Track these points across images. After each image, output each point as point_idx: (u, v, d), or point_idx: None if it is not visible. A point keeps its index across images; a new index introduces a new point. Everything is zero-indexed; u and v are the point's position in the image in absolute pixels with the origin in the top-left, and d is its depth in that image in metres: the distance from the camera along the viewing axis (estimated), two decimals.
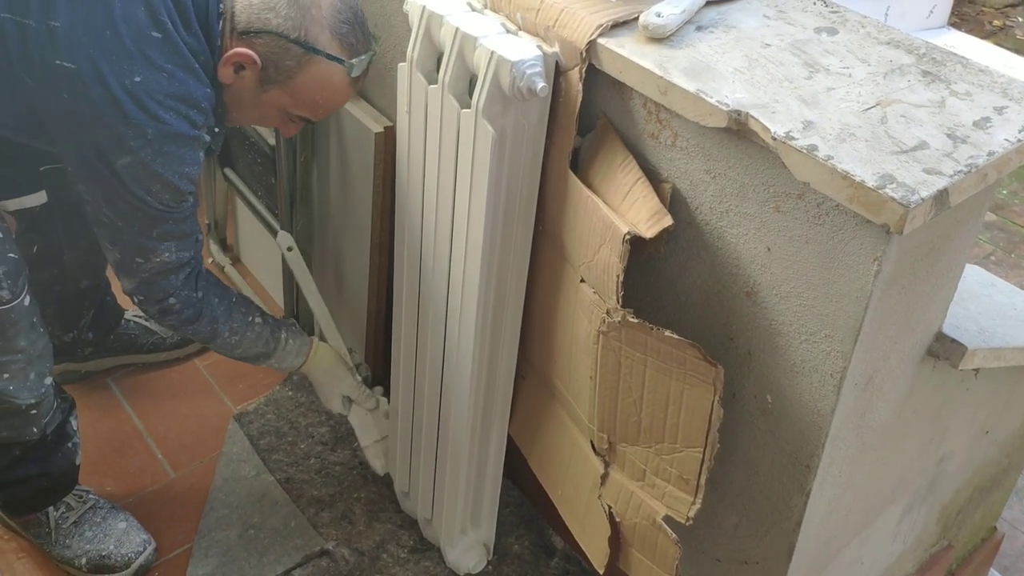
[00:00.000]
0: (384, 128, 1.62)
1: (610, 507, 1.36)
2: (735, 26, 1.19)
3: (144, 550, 1.68)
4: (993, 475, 1.81)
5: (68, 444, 1.62)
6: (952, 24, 3.29)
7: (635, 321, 1.16)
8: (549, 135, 1.27)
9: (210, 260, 2.30)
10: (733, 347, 1.20)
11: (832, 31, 1.19)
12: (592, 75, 1.19)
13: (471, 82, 1.24)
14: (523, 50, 1.17)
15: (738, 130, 1.05)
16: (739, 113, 1.04)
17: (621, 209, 1.18)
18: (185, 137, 1.28)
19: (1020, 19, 4.94)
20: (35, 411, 1.49)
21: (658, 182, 1.19)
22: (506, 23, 1.25)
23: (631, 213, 1.17)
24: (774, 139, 1.01)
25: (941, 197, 0.95)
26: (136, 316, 2.04)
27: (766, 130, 1.02)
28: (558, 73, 1.21)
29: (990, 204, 1.18)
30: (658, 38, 1.15)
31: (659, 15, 1.14)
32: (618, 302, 1.17)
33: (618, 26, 1.17)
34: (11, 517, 1.71)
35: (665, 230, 1.14)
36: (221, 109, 1.37)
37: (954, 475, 1.64)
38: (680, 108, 1.10)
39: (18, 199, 1.58)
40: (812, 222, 1.04)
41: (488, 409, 1.52)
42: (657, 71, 1.10)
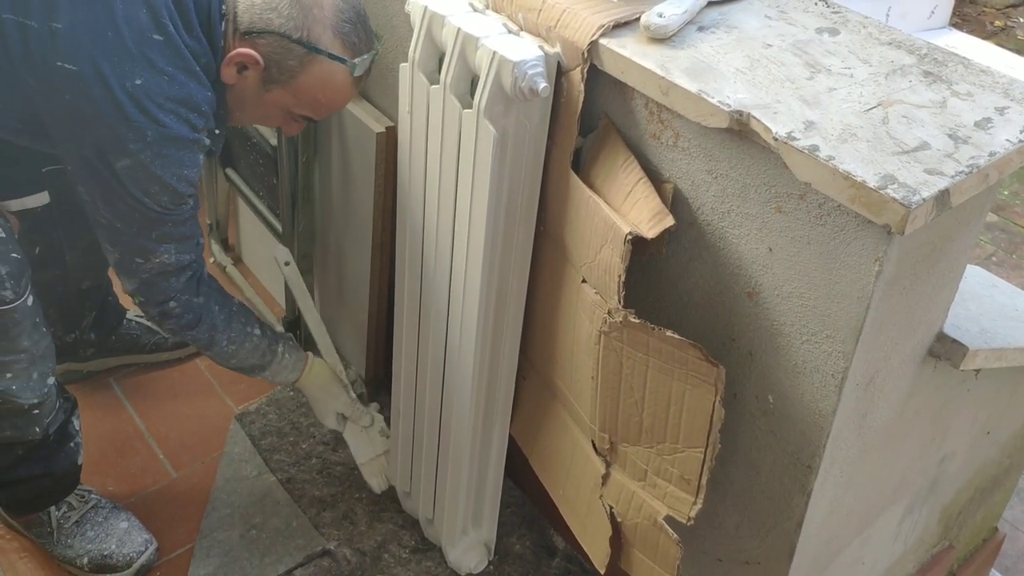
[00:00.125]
0: (386, 128, 1.62)
1: (611, 507, 1.36)
2: (737, 26, 1.19)
3: (146, 550, 1.68)
4: (994, 476, 1.81)
5: (70, 444, 1.62)
6: (953, 24, 3.29)
7: (637, 321, 1.16)
8: (551, 135, 1.27)
9: (212, 260, 2.30)
10: (735, 347, 1.20)
11: (834, 31, 1.19)
12: (594, 75, 1.19)
13: (473, 82, 1.24)
14: (525, 50, 1.17)
15: (740, 130, 1.05)
16: (741, 113, 1.04)
17: (623, 209, 1.18)
18: (185, 140, 1.28)
19: (1021, 19, 4.94)
20: (38, 411, 1.49)
21: (660, 182, 1.19)
22: (508, 23, 1.25)
23: (633, 213, 1.17)
24: (776, 139, 1.01)
25: (942, 198, 0.95)
26: (138, 316, 2.04)
27: (768, 130, 1.02)
28: (560, 73, 1.22)
29: (991, 205, 1.18)
30: (660, 38, 1.15)
31: (661, 15, 1.14)
32: (620, 302, 1.17)
33: (620, 26, 1.17)
34: (13, 516, 1.71)
35: (667, 230, 1.14)
36: (224, 109, 1.38)
37: (955, 475, 1.64)
38: (682, 108, 1.10)
39: (20, 200, 1.59)
40: (814, 222, 1.04)
41: (489, 409, 1.52)
42: (659, 71, 1.10)
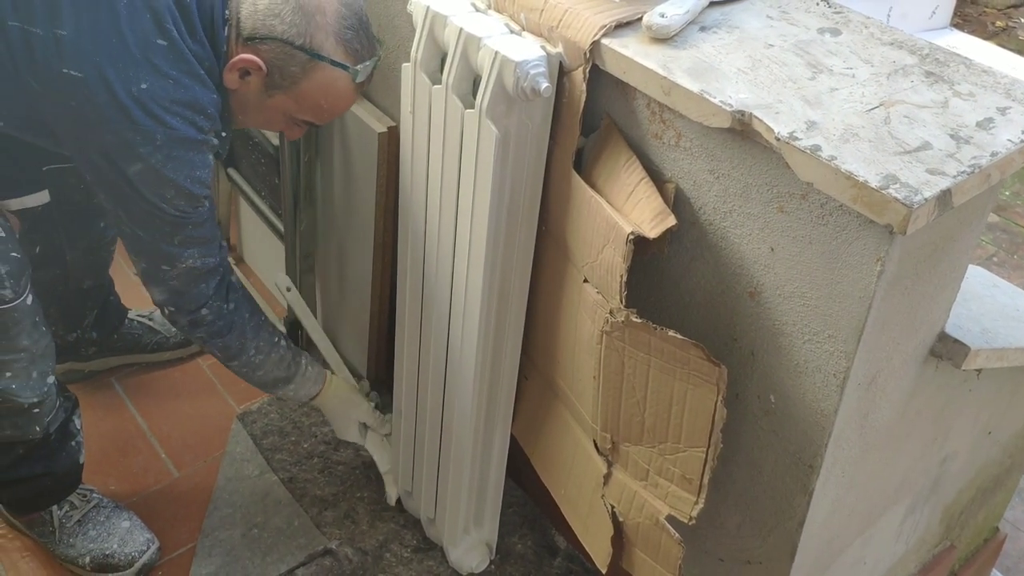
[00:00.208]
0: (387, 128, 1.62)
1: (613, 507, 1.36)
2: (738, 27, 1.19)
3: (147, 549, 1.68)
4: (996, 476, 1.81)
5: (71, 443, 1.62)
6: (954, 25, 3.29)
7: (639, 321, 1.16)
8: (553, 135, 1.27)
9: None
10: (736, 347, 1.20)
11: (835, 32, 1.19)
12: (596, 75, 1.19)
13: (475, 82, 1.24)
14: (527, 50, 1.17)
15: (742, 130, 1.05)
16: (743, 113, 1.04)
17: (625, 209, 1.18)
18: (193, 141, 1.28)
19: (1022, 20, 4.94)
20: (37, 410, 1.50)
21: (662, 182, 1.19)
22: (510, 23, 1.25)
23: (635, 213, 1.17)
24: (777, 139, 1.01)
25: (944, 198, 0.95)
26: (140, 316, 2.04)
27: (769, 130, 1.02)
28: (562, 73, 1.22)
29: (993, 205, 1.18)
30: (662, 38, 1.15)
31: (663, 15, 1.14)
32: (622, 302, 1.17)
33: (622, 26, 1.17)
34: (15, 516, 1.71)
35: (669, 230, 1.14)
36: (227, 113, 1.38)
37: (957, 476, 1.64)
38: (684, 108, 1.10)
39: (20, 199, 1.59)
40: (815, 222, 1.04)
41: (491, 409, 1.52)
42: (661, 71, 1.10)
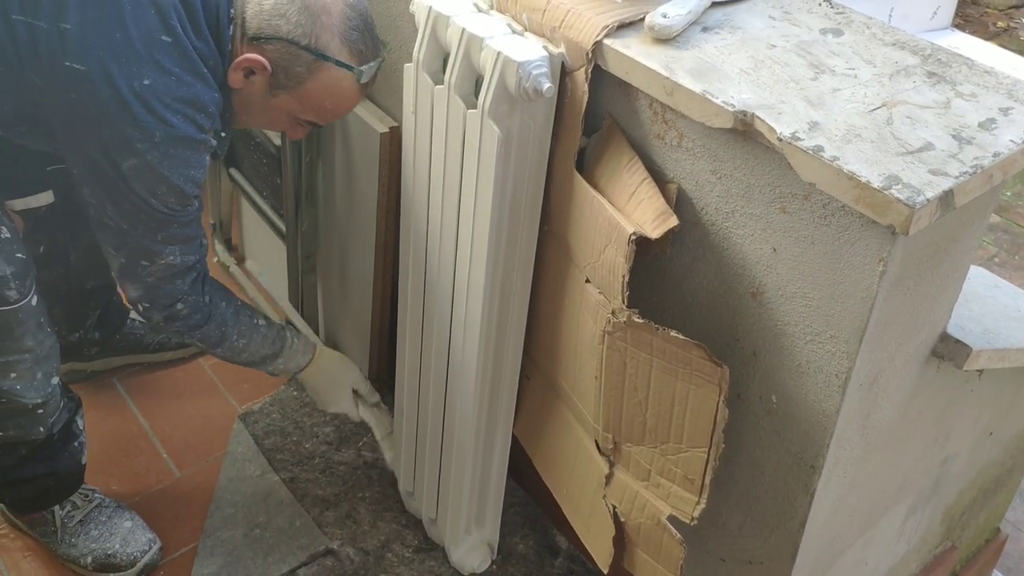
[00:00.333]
0: (389, 128, 1.62)
1: (615, 507, 1.36)
2: (741, 27, 1.20)
3: (149, 549, 1.68)
4: (997, 476, 1.81)
5: (74, 443, 1.62)
6: (956, 25, 3.29)
7: (641, 321, 1.16)
8: (555, 136, 1.27)
9: (215, 260, 2.31)
10: (738, 347, 1.20)
11: (837, 32, 1.19)
12: (598, 76, 1.19)
13: (477, 83, 1.24)
14: (529, 51, 1.18)
15: (744, 131, 1.06)
16: (745, 114, 1.04)
17: (627, 209, 1.18)
18: (192, 140, 1.28)
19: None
20: (42, 410, 1.50)
21: (664, 183, 1.19)
22: (512, 24, 1.25)
23: (637, 213, 1.17)
24: (780, 140, 1.01)
25: (946, 198, 0.95)
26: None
27: (772, 131, 1.02)
28: (564, 74, 1.22)
29: (995, 206, 1.18)
30: (664, 39, 1.15)
31: (665, 16, 1.15)
32: (624, 302, 1.17)
33: (624, 27, 1.17)
34: (17, 516, 1.71)
35: (671, 231, 1.14)
36: (229, 113, 1.38)
37: (958, 476, 1.64)
38: (686, 109, 1.10)
39: (24, 199, 1.59)
40: (818, 223, 1.04)
41: (493, 409, 1.52)
42: (663, 72, 1.10)
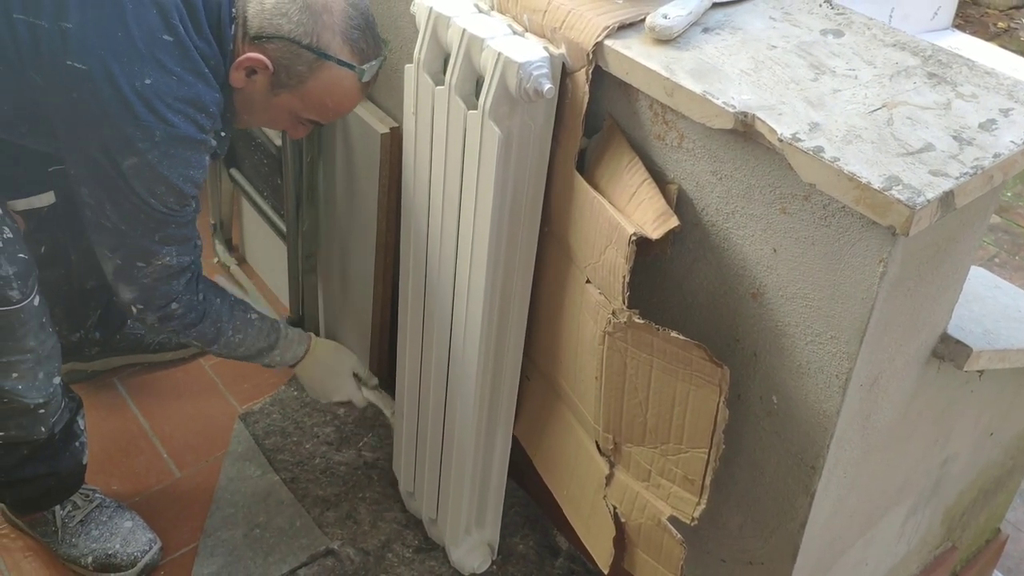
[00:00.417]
0: (390, 129, 1.62)
1: (615, 507, 1.36)
2: (741, 28, 1.20)
3: (150, 549, 1.68)
4: (997, 477, 1.81)
5: (75, 443, 1.62)
6: (956, 26, 3.29)
7: (641, 322, 1.16)
8: (555, 136, 1.27)
9: (216, 260, 2.31)
10: (739, 348, 1.20)
11: (838, 33, 1.19)
12: (598, 77, 1.19)
13: (478, 83, 1.24)
14: (530, 52, 1.18)
15: (744, 132, 1.06)
16: (745, 115, 1.04)
17: (627, 210, 1.18)
18: (192, 140, 1.28)
19: None
20: (43, 410, 1.50)
21: (664, 183, 1.19)
22: (513, 25, 1.25)
23: (637, 214, 1.17)
24: (780, 141, 1.01)
25: (947, 199, 0.95)
26: None
27: (772, 132, 1.02)
28: (564, 75, 1.22)
29: (995, 206, 1.18)
30: (664, 40, 1.15)
31: (665, 17, 1.15)
32: (624, 303, 1.17)
33: (624, 28, 1.18)
34: (18, 516, 1.71)
35: (671, 231, 1.14)
36: (231, 112, 1.38)
37: (958, 477, 1.64)
38: (686, 109, 1.10)
39: (26, 199, 1.59)
40: (818, 223, 1.04)
41: (493, 410, 1.52)
42: (664, 72, 1.11)
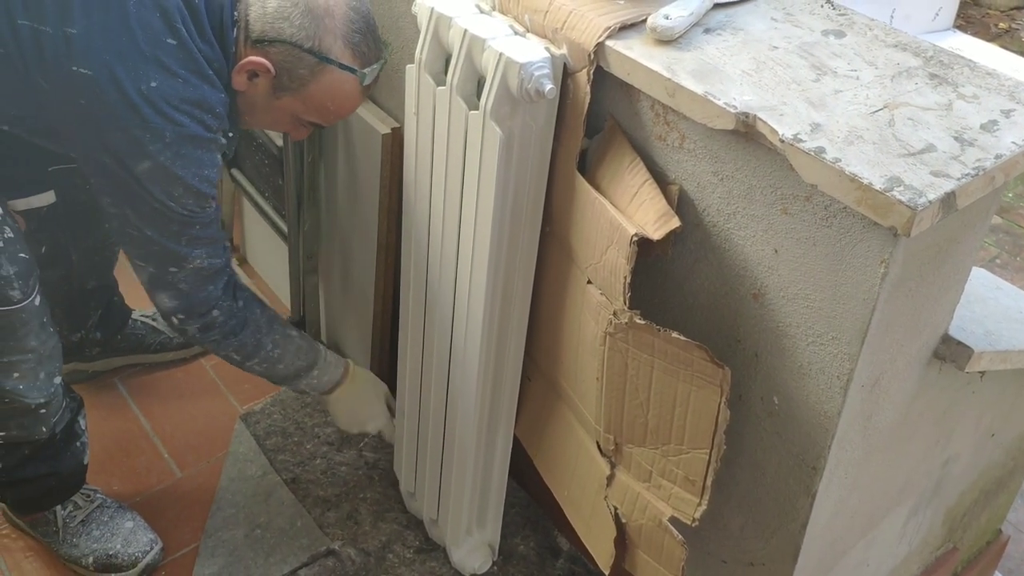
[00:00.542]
0: (391, 129, 1.62)
1: (616, 508, 1.36)
2: (743, 28, 1.20)
3: (151, 549, 1.68)
4: (998, 478, 1.81)
5: (76, 443, 1.62)
6: (957, 26, 3.28)
7: (642, 322, 1.16)
8: (557, 137, 1.27)
9: None
10: (740, 349, 1.20)
11: (839, 34, 1.19)
12: (600, 77, 1.19)
13: (479, 84, 1.24)
14: (531, 52, 1.18)
15: (746, 132, 1.06)
16: (747, 115, 1.04)
17: (628, 211, 1.18)
18: (202, 139, 1.29)
19: None
20: (44, 410, 1.50)
21: (665, 184, 1.19)
22: (514, 25, 1.25)
23: (638, 215, 1.17)
24: (782, 141, 1.01)
25: (948, 200, 0.95)
26: (143, 316, 2.05)
27: (774, 132, 1.02)
28: (566, 75, 1.22)
29: (996, 207, 1.18)
30: (666, 40, 1.15)
31: (667, 17, 1.15)
32: (625, 303, 1.17)
33: (626, 28, 1.17)
34: (19, 516, 1.71)
35: (672, 232, 1.14)
36: (234, 114, 1.38)
37: (959, 478, 1.64)
38: (688, 110, 1.10)
39: (26, 199, 1.59)
40: (819, 224, 1.04)
41: (494, 410, 1.52)
42: (665, 73, 1.11)
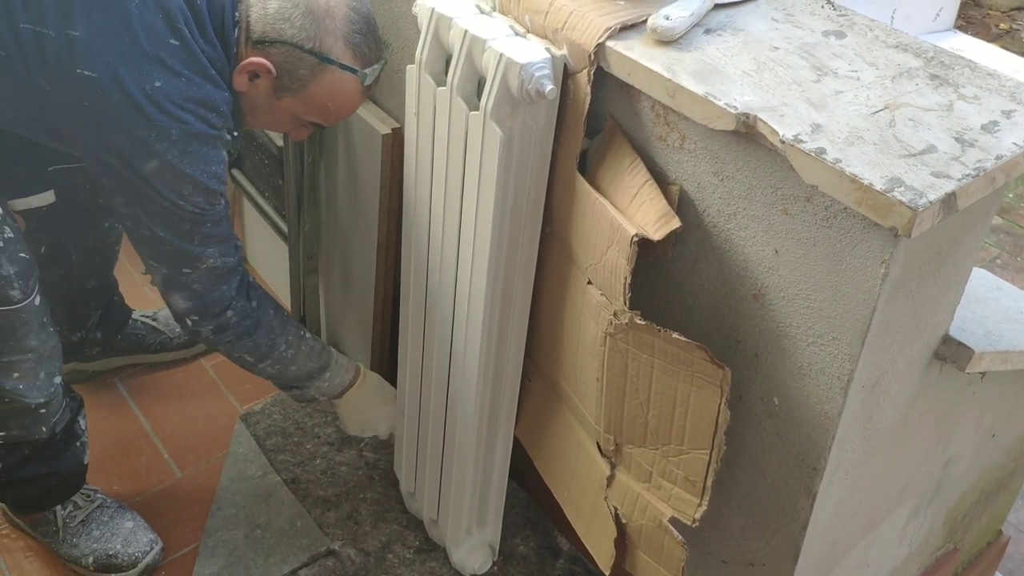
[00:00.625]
0: (391, 130, 1.62)
1: (616, 509, 1.36)
2: (743, 29, 1.20)
3: (151, 549, 1.68)
4: (999, 478, 1.81)
5: (76, 443, 1.62)
6: (958, 27, 3.28)
7: (642, 323, 1.16)
8: (557, 137, 1.27)
9: None
10: (740, 349, 1.20)
11: (840, 34, 1.19)
12: (600, 78, 1.19)
13: (479, 84, 1.24)
14: (532, 52, 1.18)
15: (746, 133, 1.06)
16: (747, 116, 1.04)
17: (629, 211, 1.18)
18: (208, 136, 1.29)
19: None
20: (44, 410, 1.50)
21: (666, 184, 1.19)
22: (515, 26, 1.25)
23: (639, 215, 1.17)
24: (782, 142, 1.01)
25: (949, 200, 0.95)
26: (143, 316, 2.05)
27: (774, 133, 1.02)
28: (566, 76, 1.22)
29: (997, 208, 1.18)
30: (666, 41, 1.15)
31: (667, 18, 1.15)
32: (625, 304, 1.17)
33: (626, 29, 1.17)
34: (19, 516, 1.71)
35: (673, 232, 1.14)
36: (238, 114, 1.38)
37: (960, 478, 1.64)
38: (688, 111, 1.10)
39: (26, 199, 1.59)
40: (820, 225, 1.04)
41: (495, 411, 1.52)
42: (665, 74, 1.10)
